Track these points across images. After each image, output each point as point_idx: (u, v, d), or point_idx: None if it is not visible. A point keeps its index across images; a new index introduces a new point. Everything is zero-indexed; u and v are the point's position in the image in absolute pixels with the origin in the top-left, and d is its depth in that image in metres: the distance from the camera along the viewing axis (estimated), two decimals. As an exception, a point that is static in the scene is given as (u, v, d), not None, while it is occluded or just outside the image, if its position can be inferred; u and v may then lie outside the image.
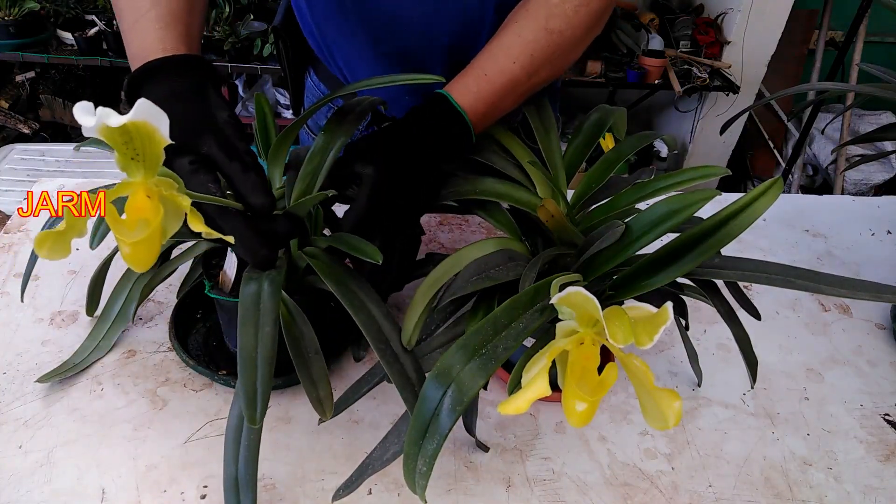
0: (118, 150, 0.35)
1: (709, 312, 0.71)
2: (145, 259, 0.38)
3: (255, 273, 0.48)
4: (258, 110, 0.59)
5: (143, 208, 0.37)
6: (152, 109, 0.33)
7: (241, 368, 0.43)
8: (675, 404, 0.36)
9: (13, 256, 0.74)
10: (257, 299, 0.46)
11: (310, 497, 0.52)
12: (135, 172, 0.37)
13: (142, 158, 0.36)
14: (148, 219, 0.38)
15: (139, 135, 0.34)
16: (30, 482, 0.51)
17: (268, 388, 0.42)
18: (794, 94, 1.00)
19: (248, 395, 0.42)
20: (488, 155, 0.58)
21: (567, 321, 0.39)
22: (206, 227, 0.39)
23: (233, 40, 2.09)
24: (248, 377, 0.42)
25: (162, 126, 0.34)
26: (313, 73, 0.86)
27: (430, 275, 0.49)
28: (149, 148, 0.35)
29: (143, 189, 0.37)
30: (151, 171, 0.37)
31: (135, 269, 0.39)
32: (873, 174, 2.59)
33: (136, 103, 0.33)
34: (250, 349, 0.43)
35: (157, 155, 0.36)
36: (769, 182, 0.43)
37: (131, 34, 0.53)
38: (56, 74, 2.35)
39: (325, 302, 0.65)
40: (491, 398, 0.62)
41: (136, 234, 0.37)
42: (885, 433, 0.63)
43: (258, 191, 0.45)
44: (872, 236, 0.92)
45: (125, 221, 0.38)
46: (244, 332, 0.44)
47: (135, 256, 0.38)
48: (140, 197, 0.37)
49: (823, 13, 2.42)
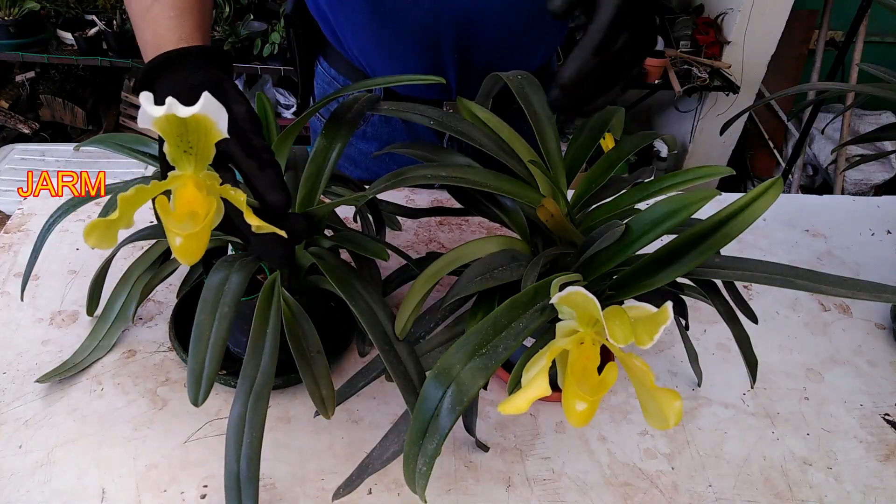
0: (171, 141, 0.35)
1: (709, 312, 0.71)
2: (196, 251, 0.38)
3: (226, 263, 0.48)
4: (259, 110, 0.59)
5: (193, 201, 0.37)
6: (214, 104, 0.33)
7: (192, 345, 0.43)
8: (675, 404, 0.36)
9: (13, 256, 0.74)
10: (222, 284, 0.46)
11: (310, 497, 0.52)
12: (185, 165, 0.37)
13: (195, 152, 0.36)
14: (197, 211, 0.37)
15: (197, 128, 0.34)
16: (30, 482, 0.51)
17: (215, 370, 0.43)
18: (794, 94, 1.01)
19: (195, 373, 0.42)
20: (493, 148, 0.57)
21: (567, 321, 0.39)
22: (260, 221, 0.39)
23: (233, 40, 2.09)
24: (198, 355, 0.42)
25: (221, 121, 0.34)
26: (323, 59, 0.86)
27: (429, 267, 0.49)
28: (203, 142, 0.35)
29: (193, 182, 0.37)
30: (202, 164, 0.37)
31: (184, 261, 0.38)
32: (873, 174, 2.59)
33: (202, 97, 0.33)
34: (205, 327, 0.43)
35: (210, 149, 0.36)
36: (769, 182, 0.43)
37: (143, 22, 0.52)
38: (56, 74, 2.35)
39: (326, 301, 0.66)
40: (491, 398, 0.62)
41: (187, 227, 0.37)
42: (885, 433, 0.63)
43: (276, 188, 0.44)
44: (872, 236, 0.92)
45: (175, 213, 0.37)
46: (203, 309, 0.45)
47: (186, 249, 0.38)
48: (190, 189, 0.37)
49: (823, 13, 2.42)
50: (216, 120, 0.34)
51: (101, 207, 0.56)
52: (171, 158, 0.36)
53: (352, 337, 0.65)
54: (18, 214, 0.81)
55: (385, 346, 0.47)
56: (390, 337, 0.48)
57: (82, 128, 2.38)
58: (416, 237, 0.82)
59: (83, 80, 2.41)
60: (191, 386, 0.42)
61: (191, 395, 0.42)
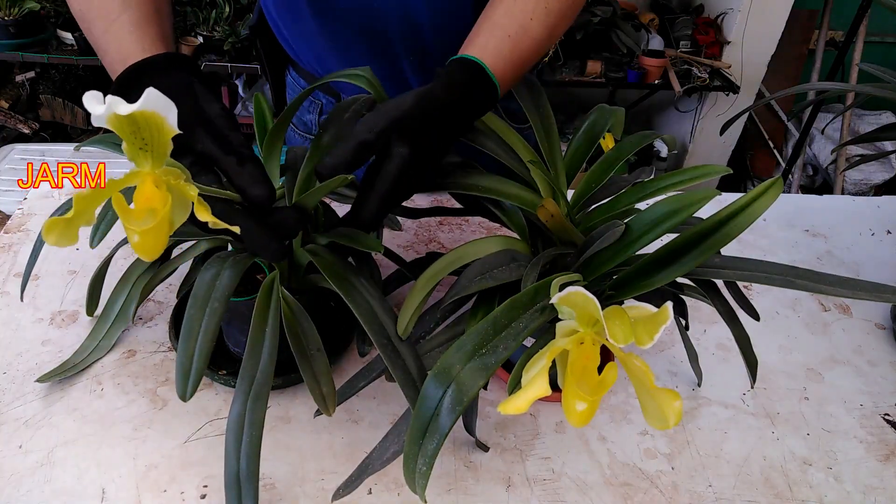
0: (126, 139, 0.35)
1: (709, 312, 0.71)
2: (153, 247, 0.38)
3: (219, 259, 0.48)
4: (257, 110, 0.59)
5: (151, 198, 0.37)
6: (160, 99, 0.33)
7: (181, 340, 0.43)
8: (675, 404, 0.36)
9: (13, 256, 0.74)
10: (214, 279, 0.46)
11: (310, 497, 0.52)
12: (143, 162, 0.37)
13: (150, 148, 0.36)
14: (156, 208, 0.38)
15: (147, 125, 0.34)
16: (30, 482, 0.51)
17: (203, 364, 0.43)
18: (794, 94, 1.01)
19: (184, 367, 0.42)
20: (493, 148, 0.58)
21: (567, 321, 0.39)
22: (212, 217, 0.39)
23: (233, 40, 2.09)
24: (187, 348, 0.43)
25: (170, 116, 0.34)
26: (292, 69, 0.86)
27: (430, 268, 0.49)
28: (157, 138, 0.35)
29: (150, 178, 0.37)
30: (159, 160, 0.37)
31: (143, 257, 0.39)
32: (873, 174, 2.59)
33: (145, 93, 0.33)
34: (194, 322, 0.44)
35: (165, 145, 0.36)
36: (769, 182, 0.43)
37: (105, 41, 0.52)
38: (56, 74, 2.35)
39: (326, 301, 0.65)
40: (491, 398, 0.62)
41: (145, 223, 0.37)
42: (885, 433, 0.63)
43: (256, 182, 0.44)
44: (872, 236, 0.92)
45: (133, 211, 0.38)
46: (193, 304, 0.45)
47: (143, 245, 0.38)
48: (148, 186, 0.37)
49: (823, 13, 2.42)
50: (165, 115, 0.34)
51: (100, 207, 0.56)
52: (129, 156, 0.36)
53: (352, 336, 0.65)
54: (18, 214, 0.81)
55: (383, 341, 0.47)
56: (391, 336, 0.48)
57: (82, 128, 2.38)
58: (416, 237, 0.82)
59: (83, 80, 2.41)
60: (179, 380, 0.42)
61: (178, 390, 0.42)
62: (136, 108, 0.33)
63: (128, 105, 0.33)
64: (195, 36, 2.13)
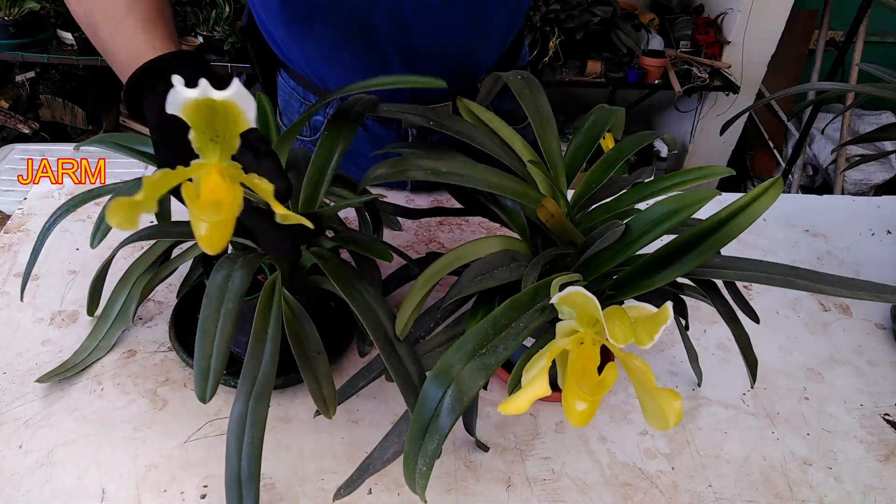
0: (198, 129, 0.35)
1: (709, 312, 0.71)
2: (220, 240, 0.38)
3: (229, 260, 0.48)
4: (259, 110, 0.59)
5: (217, 189, 0.37)
6: (244, 92, 0.33)
7: (198, 342, 0.43)
8: (675, 404, 0.36)
9: (13, 256, 0.74)
10: (226, 280, 0.46)
11: (310, 497, 0.52)
12: (211, 154, 0.37)
13: (220, 140, 0.36)
14: (221, 200, 0.37)
15: (225, 115, 0.34)
16: (30, 482, 0.51)
17: (221, 365, 0.43)
18: (794, 94, 1.01)
19: (202, 370, 0.42)
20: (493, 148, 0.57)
21: (567, 321, 0.39)
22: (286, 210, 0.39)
23: (233, 40, 2.09)
24: (204, 351, 0.42)
25: (249, 110, 0.34)
26: (283, 71, 0.86)
27: (429, 267, 0.49)
28: (230, 130, 0.35)
29: (217, 170, 0.37)
30: (227, 153, 0.37)
31: (208, 250, 0.38)
32: (873, 174, 2.59)
33: (233, 83, 0.33)
34: (209, 324, 0.43)
35: (236, 138, 0.36)
36: (769, 182, 0.43)
37: (113, 43, 0.53)
38: (56, 74, 2.35)
39: (326, 301, 0.66)
40: (491, 398, 0.62)
41: (211, 216, 0.37)
42: (885, 433, 0.63)
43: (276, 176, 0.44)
44: (872, 236, 0.92)
45: (199, 201, 0.37)
46: (207, 306, 0.45)
47: (211, 237, 0.37)
48: (215, 178, 0.37)
49: (823, 13, 2.42)
50: (244, 108, 0.34)
51: (100, 207, 0.56)
52: (197, 147, 0.36)
53: (352, 337, 0.65)
54: (18, 214, 0.81)
55: (387, 347, 0.47)
56: (391, 338, 0.48)
57: (82, 128, 2.38)
58: (416, 237, 0.82)
59: (83, 80, 2.41)
60: (198, 383, 0.42)
61: (198, 392, 0.42)
62: (227, 96, 0.33)
63: (220, 92, 0.33)
64: (195, 36, 2.13)
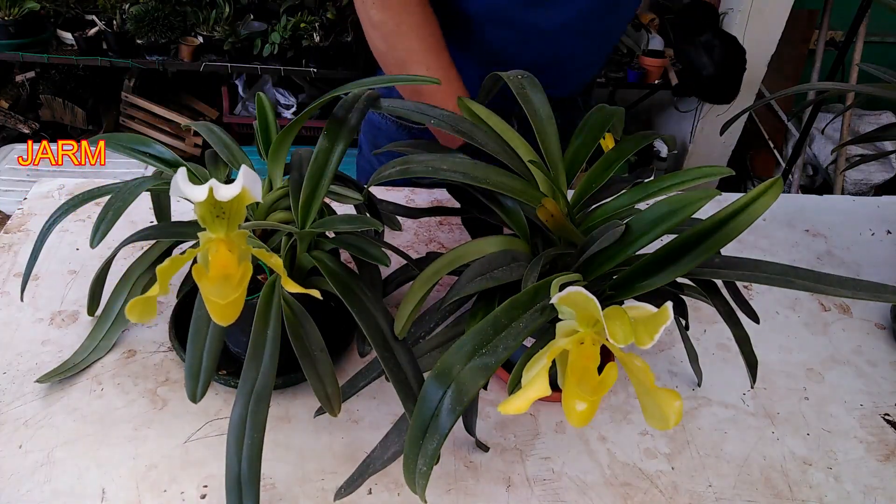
0: (205, 209, 0.36)
1: (709, 312, 0.71)
2: (233, 315, 0.39)
3: None
4: (259, 110, 0.59)
5: (226, 264, 0.38)
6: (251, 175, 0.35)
7: (190, 341, 0.43)
8: (675, 404, 0.36)
9: (13, 256, 0.74)
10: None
11: (310, 497, 0.52)
12: (217, 229, 0.38)
13: (227, 216, 0.37)
14: (231, 273, 0.39)
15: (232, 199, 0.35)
16: (30, 482, 0.51)
17: (212, 365, 0.43)
18: (794, 94, 1.00)
19: (193, 369, 0.42)
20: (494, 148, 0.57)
21: (567, 321, 0.39)
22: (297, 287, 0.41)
23: (233, 40, 2.09)
24: (195, 351, 0.43)
25: (255, 189, 0.35)
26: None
27: (428, 267, 0.49)
28: (236, 206, 0.36)
29: (225, 245, 0.38)
30: (234, 226, 0.38)
31: (221, 323, 0.40)
32: (873, 174, 2.59)
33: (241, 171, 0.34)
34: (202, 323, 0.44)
35: (242, 212, 0.37)
36: (769, 182, 0.43)
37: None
38: (56, 74, 2.35)
39: (326, 301, 0.65)
40: (491, 398, 0.62)
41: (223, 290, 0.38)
42: (885, 433, 0.63)
43: None
44: (872, 236, 0.92)
45: (210, 276, 0.38)
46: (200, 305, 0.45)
47: (224, 313, 0.39)
48: (223, 253, 0.38)
49: (823, 13, 2.42)
50: (251, 188, 0.35)
51: (100, 207, 0.56)
52: (202, 220, 0.37)
53: (352, 337, 0.65)
54: (18, 214, 0.81)
55: (385, 353, 0.47)
56: (389, 341, 0.48)
57: (82, 128, 2.38)
58: (416, 237, 0.82)
59: (83, 80, 2.41)
60: (188, 382, 0.42)
61: (188, 391, 0.42)
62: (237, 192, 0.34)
63: (229, 188, 0.34)
64: (195, 36, 2.13)
